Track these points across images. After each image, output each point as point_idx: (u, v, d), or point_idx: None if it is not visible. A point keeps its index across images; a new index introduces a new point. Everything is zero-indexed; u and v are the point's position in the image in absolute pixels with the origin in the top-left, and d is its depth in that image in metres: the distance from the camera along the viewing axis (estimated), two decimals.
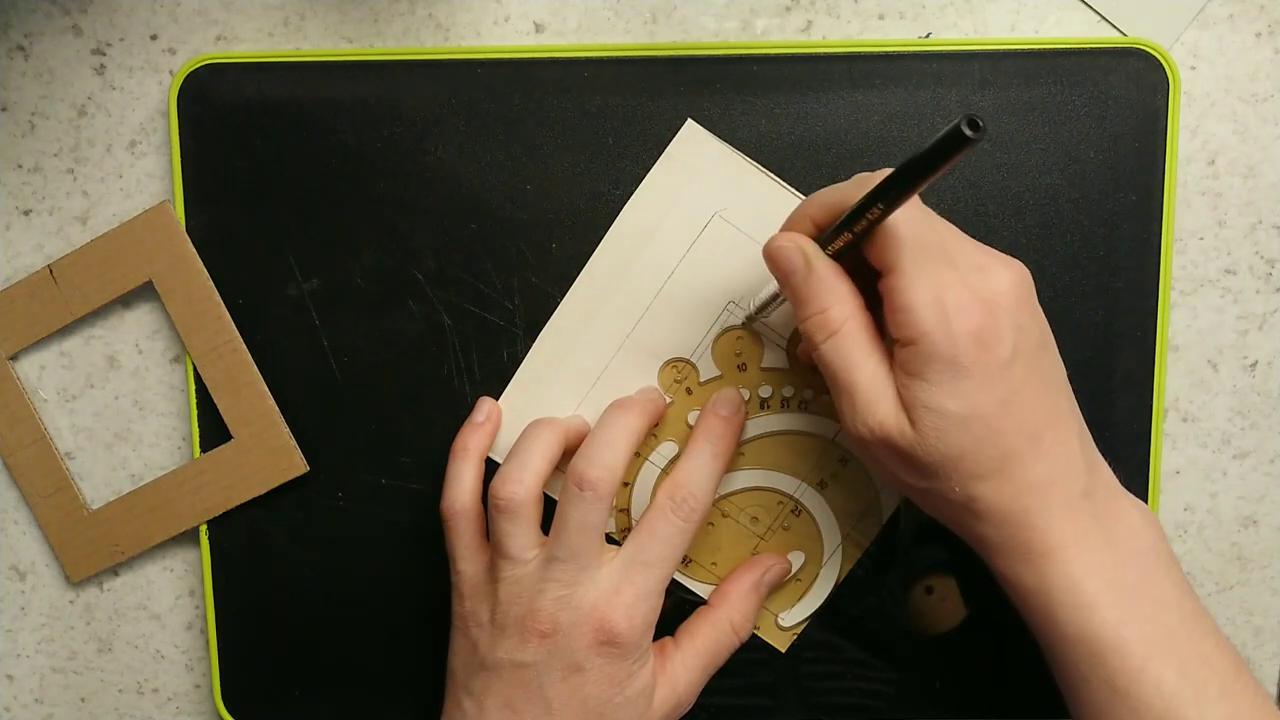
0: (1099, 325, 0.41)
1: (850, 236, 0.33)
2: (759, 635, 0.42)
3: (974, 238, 0.40)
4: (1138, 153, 0.40)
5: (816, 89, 0.40)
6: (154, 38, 0.41)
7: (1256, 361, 0.42)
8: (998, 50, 0.40)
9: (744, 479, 0.41)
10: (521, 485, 0.37)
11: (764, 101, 0.40)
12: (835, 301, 0.34)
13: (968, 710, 0.43)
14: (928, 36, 0.41)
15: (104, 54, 0.41)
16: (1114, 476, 0.35)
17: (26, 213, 0.42)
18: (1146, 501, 0.41)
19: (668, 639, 0.40)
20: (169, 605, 0.44)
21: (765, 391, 0.41)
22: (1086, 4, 0.41)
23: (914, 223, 0.33)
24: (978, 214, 0.40)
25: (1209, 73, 0.41)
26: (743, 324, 0.40)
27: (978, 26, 0.41)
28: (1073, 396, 0.35)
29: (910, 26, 0.41)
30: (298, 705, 0.43)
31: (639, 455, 0.41)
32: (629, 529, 0.41)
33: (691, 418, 0.41)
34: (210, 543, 0.43)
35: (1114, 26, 0.41)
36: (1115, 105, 0.40)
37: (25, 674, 0.45)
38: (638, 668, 0.37)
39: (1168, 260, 0.41)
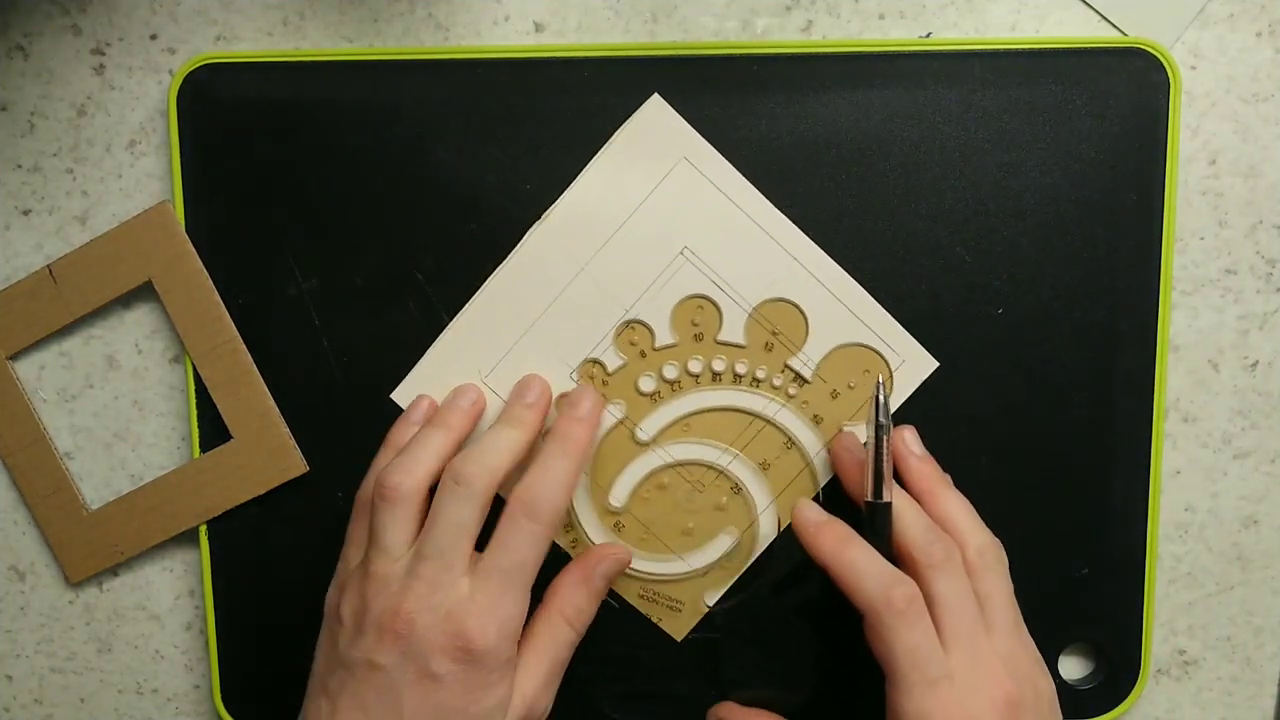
0: (1099, 325, 0.41)
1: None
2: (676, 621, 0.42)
3: (974, 238, 0.40)
4: (1138, 153, 0.40)
5: (816, 89, 0.40)
6: (154, 37, 0.41)
7: (1257, 361, 0.42)
8: (998, 50, 0.40)
9: (685, 451, 0.41)
10: (409, 476, 0.37)
11: (764, 101, 0.40)
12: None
13: None
14: (928, 36, 0.41)
15: (103, 54, 0.41)
16: None
17: (26, 213, 0.42)
18: (1147, 502, 0.42)
19: None
20: (168, 605, 0.44)
21: (718, 365, 0.41)
22: (1087, 4, 0.41)
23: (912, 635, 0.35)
24: (978, 214, 0.40)
25: (1209, 72, 0.41)
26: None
27: (978, 26, 0.41)
28: None
29: (910, 26, 0.41)
30: (298, 705, 0.43)
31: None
32: (577, 541, 0.42)
33: (642, 383, 0.41)
34: (210, 543, 0.43)
35: (1114, 26, 0.41)
36: (1115, 105, 0.40)
37: (25, 674, 0.45)
38: (496, 679, 0.36)
39: (1168, 260, 0.40)
